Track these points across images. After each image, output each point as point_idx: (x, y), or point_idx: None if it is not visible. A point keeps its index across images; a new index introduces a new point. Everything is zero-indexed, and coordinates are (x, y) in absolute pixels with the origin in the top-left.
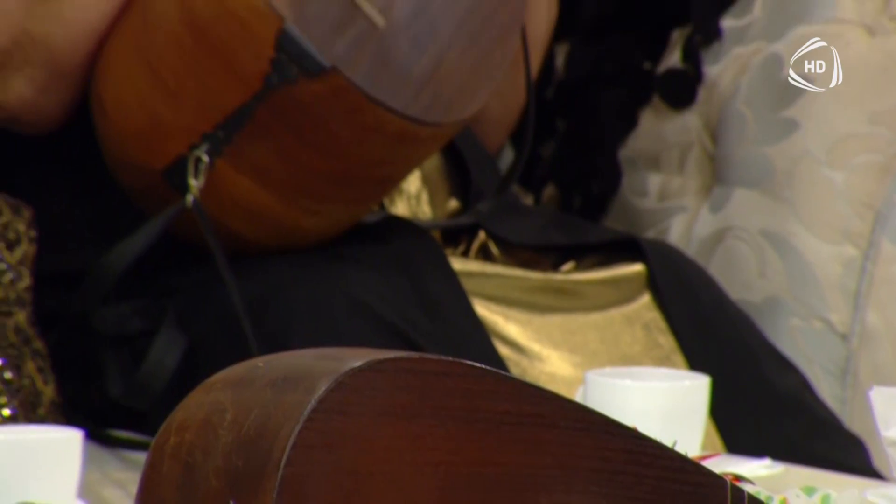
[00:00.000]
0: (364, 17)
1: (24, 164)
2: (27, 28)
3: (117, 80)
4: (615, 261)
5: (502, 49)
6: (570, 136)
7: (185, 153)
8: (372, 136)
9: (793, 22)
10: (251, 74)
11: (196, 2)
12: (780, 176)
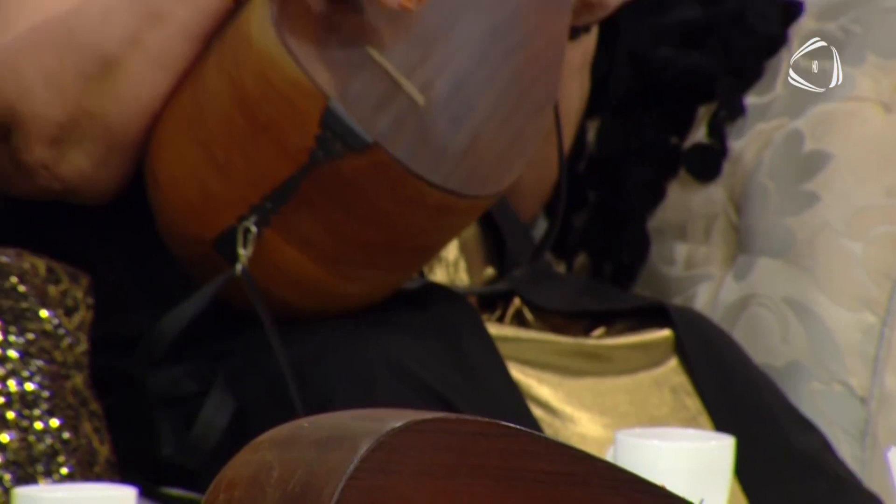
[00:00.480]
0: (405, 96)
1: (81, 233)
2: (84, 105)
3: (171, 155)
4: (644, 326)
5: (536, 125)
6: (600, 208)
7: (234, 224)
8: (413, 207)
9: (813, 99)
10: (298, 150)
11: (246, 81)
12: (801, 246)
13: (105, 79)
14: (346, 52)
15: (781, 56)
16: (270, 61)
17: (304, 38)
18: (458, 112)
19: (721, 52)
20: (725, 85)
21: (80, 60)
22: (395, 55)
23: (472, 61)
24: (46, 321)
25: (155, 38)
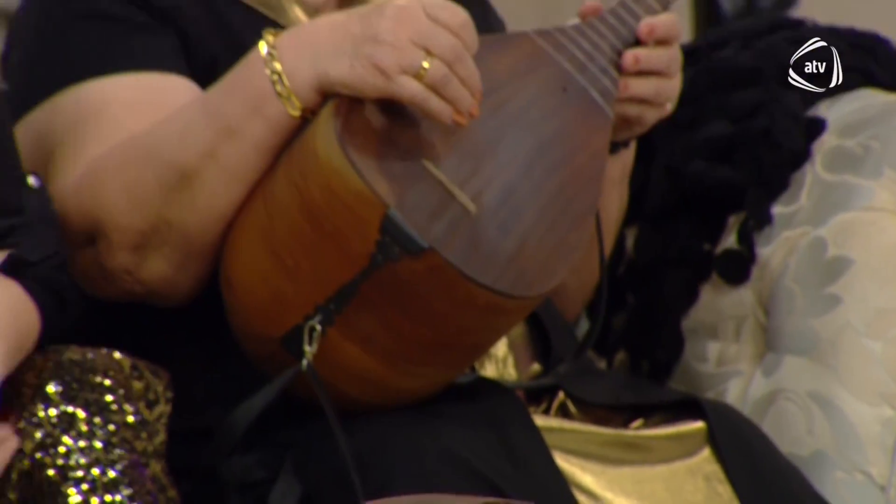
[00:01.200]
0: (458, 204)
1: (161, 332)
2: (164, 214)
3: (243, 259)
4: (679, 419)
5: (579, 233)
6: (638, 309)
7: (301, 323)
8: (465, 308)
9: (834, 209)
10: (359, 254)
11: (312, 192)
12: (824, 345)
13: (184, 189)
14: (404, 165)
15: (805, 169)
16: (335, 173)
17: (366, 151)
18: (507, 220)
19: (749, 166)
20: (754, 196)
21: (161, 173)
22: (448, 167)
23: (520, 174)
24: (129, 414)
25: (230, 151)
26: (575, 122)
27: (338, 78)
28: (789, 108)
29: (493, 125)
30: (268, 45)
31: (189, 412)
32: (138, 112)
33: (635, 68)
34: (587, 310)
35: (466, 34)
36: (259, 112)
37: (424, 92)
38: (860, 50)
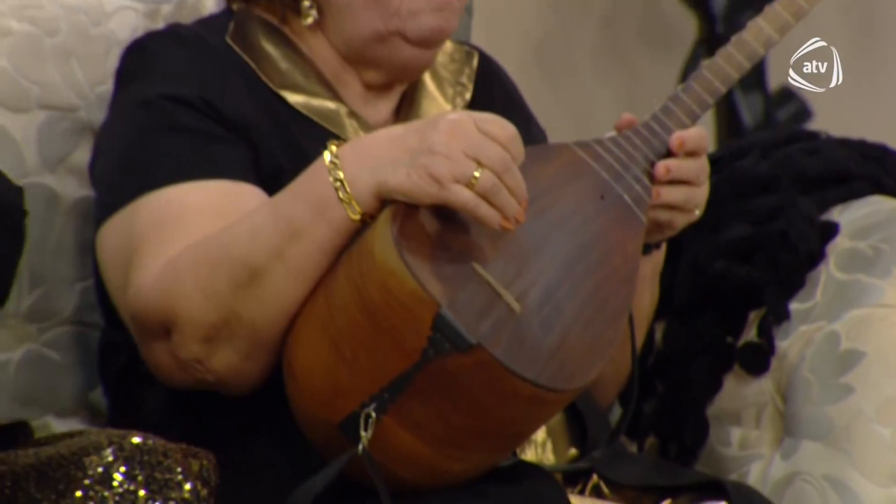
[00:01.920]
0: (504, 304)
1: (228, 418)
2: (234, 308)
3: (305, 351)
4: (704, 499)
5: (614, 328)
6: (667, 397)
7: (357, 410)
8: (509, 400)
9: (848, 306)
10: (412, 348)
11: (370, 291)
12: (839, 431)
13: (252, 286)
14: (455, 267)
15: (820, 269)
16: (391, 274)
17: (420, 254)
18: (549, 318)
19: (768, 266)
20: (772, 293)
21: (232, 271)
22: (495, 269)
23: (561, 275)
24: (187, 491)
25: (295, 252)
26: (611, 228)
27: (395, 186)
28: (805, 213)
29: (536, 230)
30: (331, 154)
31: (252, 492)
32: (212, 215)
33: (667, 178)
34: (620, 397)
35: (514, 146)
36: (323, 216)
37: (475, 199)
38: (870, 160)
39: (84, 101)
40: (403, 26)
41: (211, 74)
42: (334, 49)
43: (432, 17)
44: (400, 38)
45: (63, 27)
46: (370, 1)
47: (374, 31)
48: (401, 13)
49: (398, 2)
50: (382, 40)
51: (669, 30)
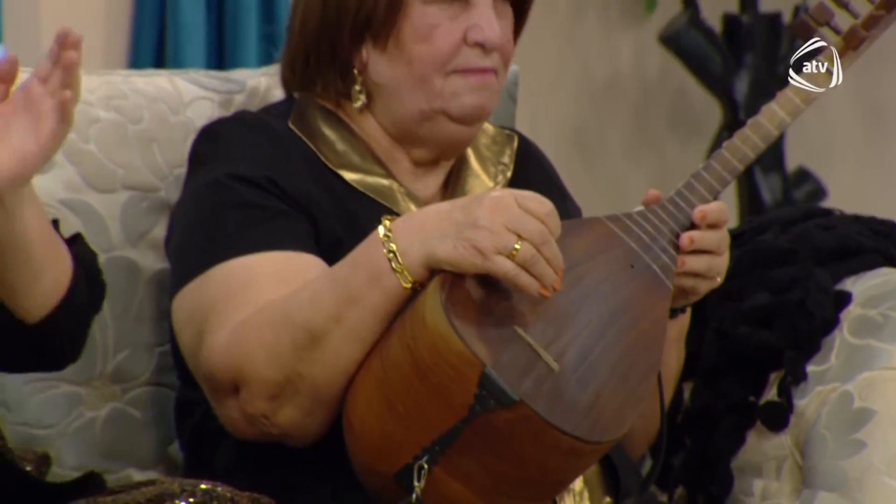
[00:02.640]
0: (543, 363)
1: (292, 468)
2: (296, 369)
3: (362, 407)
4: None
5: (645, 385)
6: (694, 451)
7: (410, 462)
8: (550, 451)
9: (859, 368)
10: (460, 405)
11: (421, 352)
12: (852, 483)
13: (313, 348)
14: (498, 330)
15: (834, 335)
16: (441, 337)
17: (466, 318)
18: (584, 376)
19: (787, 332)
20: (791, 357)
21: (295, 334)
22: (535, 331)
23: (595, 337)
24: None
25: (352, 317)
26: (640, 294)
27: (443, 257)
28: (820, 284)
29: (572, 296)
30: (385, 228)
31: None
32: (276, 283)
33: (691, 248)
34: (650, 450)
35: (551, 221)
36: (377, 284)
37: (516, 269)
38: (880, 235)
39: (163, 183)
40: (446, 105)
41: (275, 156)
42: (384, 129)
43: (472, 97)
44: (444, 117)
45: (146, 115)
46: (415, 83)
47: (420, 111)
48: (443, 94)
49: (440, 83)
50: (428, 119)
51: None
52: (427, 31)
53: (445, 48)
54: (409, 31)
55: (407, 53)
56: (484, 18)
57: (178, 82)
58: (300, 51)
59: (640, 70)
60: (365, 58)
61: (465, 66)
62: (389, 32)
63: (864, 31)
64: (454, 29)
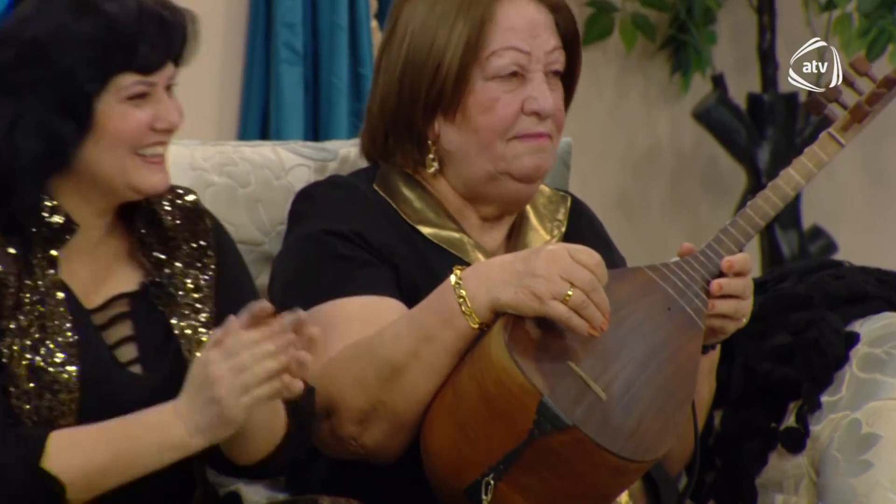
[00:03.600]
0: (593, 393)
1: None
2: (380, 397)
3: (437, 432)
4: None
5: (681, 413)
6: (724, 469)
7: (479, 479)
8: (599, 469)
9: (866, 399)
10: (521, 429)
11: (487, 384)
12: (860, 498)
13: (394, 380)
14: (554, 364)
15: (845, 370)
16: (504, 371)
17: (526, 355)
18: (629, 404)
19: (804, 367)
20: (807, 389)
21: (378, 368)
22: (585, 366)
23: (637, 370)
24: None
25: (428, 353)
26: (676, 333)
27: (506, 301)
28: (833, 325)
29: (617, 335)
30: (456, 276)
31: None
32: (362, 323)
33: (720, 293)
34: (686, 469)
35: (599, 271)
36: (449, 325)
37: (568, 313)
38: (884, 284)
39: (267, 238)
40: (509, 167)
41: (362, 214)
42: (455, 190)
43: (531, 158)
44: (507, 177)
45: (252, 180)
46: (481, 149)
47: (486, 173)
48: (506, 157)
49: (503, 148)
50: (493, 179)
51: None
52: (489, 103)
53: (506, 118)
54: (473, 105)
55: (473, 124)
56: (538, 90)
57: (280, 151)
58: (380, 127)
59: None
60: (437, 130)
61: (523, 132)
62: (457, 107)
63: (867, 107)
64: (513, 101)
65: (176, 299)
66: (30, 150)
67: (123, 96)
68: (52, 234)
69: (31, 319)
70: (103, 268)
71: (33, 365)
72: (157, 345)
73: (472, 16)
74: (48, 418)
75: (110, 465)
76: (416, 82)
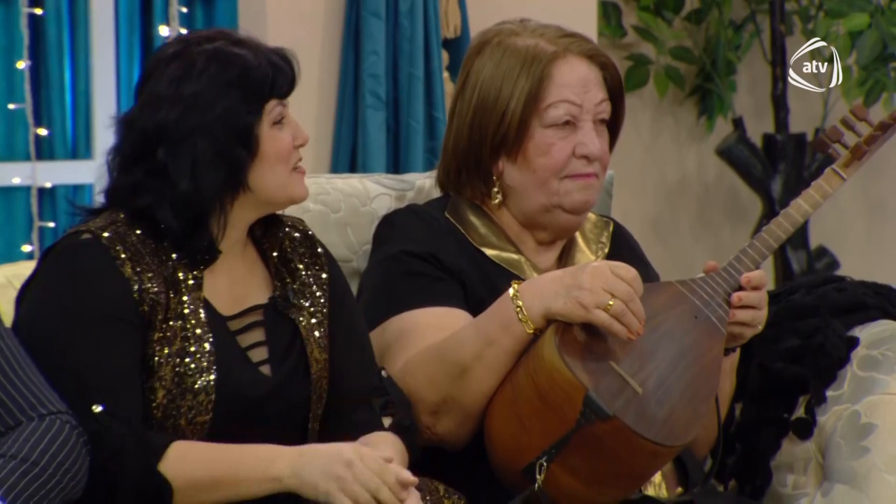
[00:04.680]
0: (631, 388)
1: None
2: (450, 393)
3: (498, 422)
4: None
5: (706, 405)
6: (743, 454)
7: (533, 461)
8: (636, 453)
9: (865, 394)
10: (570, 419)
11: (541, 380)
12: (860, 478)
13: (461, 378)
14: (597, 364)
15: (846, 369)
16: (555, 369)
17: (574, 355)
18: (661, 398)
19: (812, 367)
20: (815, 385)
21: (448, 368)
22: (624, 365)
23: (669, 369)
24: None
25: (490, 354)
26: (702, 337)
27: (556, 310)
28: (837, 331)
29: (651, 339)
30: (514, 290)
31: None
32: (435, 330)
33: (739, 304)
34: (710, 453)
35: (636, 284)
36: (508, 330)
37: (610, 319)
38: (880, 296)
39: (355, 256)
40: (561, 202)
41: (434, 237)
42: (515, 218)
43: (580, 194)
44: (559, 209)
45: (342, 207)
46: (538, 186)
47: (542, 206)
48: (559, 193)
49: (556, 185)
50: (548, 211)
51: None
52: (546, 147)
53: (560, 160)
54: (532, 149)
55: (532, 164)
56: (587, 137)
57: (366, 183)
58: (453, 163)
59: (701, 175)
60: (501, 168)
61: (574, 172)
62: (518, 149)
63: (865, 146)
64: (566, 146)
65: (299, 308)
66: (213, 181)
67: (271, 120)
68: (199, 257)
69: (176, 331)
70: (238, 282)
71: (177, 371)
72: (283, 347)
73: (533, 73)
74: (188, 416)
75: (216, 483)
76: (484, 127)
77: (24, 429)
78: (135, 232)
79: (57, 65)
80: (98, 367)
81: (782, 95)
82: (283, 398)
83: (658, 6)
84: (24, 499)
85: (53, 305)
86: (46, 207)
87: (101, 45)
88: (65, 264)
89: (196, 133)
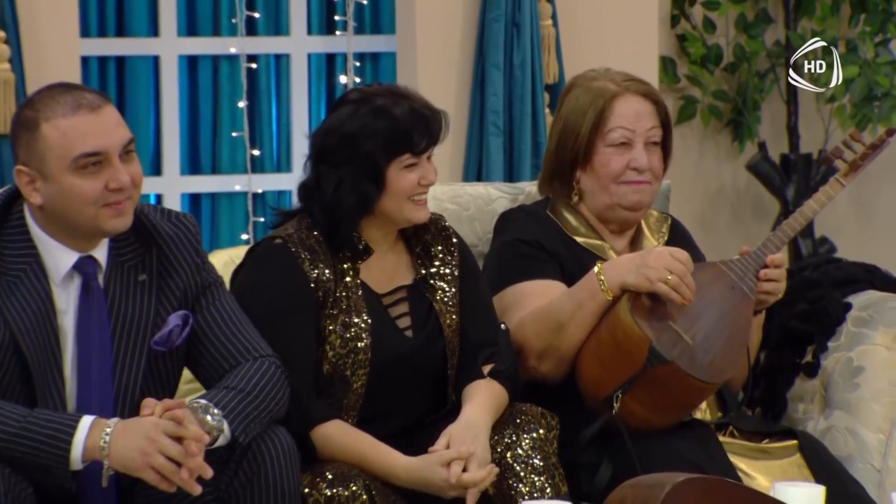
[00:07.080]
0: (684, 341)
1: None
2: (551, 342)
3: (586, 364)
4: (785, 439)
5: (740, 352)
6: (766, 389)
7: (611, 393)
8: (688, 388)
9: (857, 345)
10: (638, 363)
11: (617, 335)
12: (853, 406)
13: (559, 332)
14: (659, 323)
15: (843, 326)
16: (628, 326)
17: (642, 316)
18: (707, 347)
19: (817, 325)
20: (819, 339)
21: (550, 324)
22: (679, 323)
23: (712, 326)
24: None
25: (580, 314)
26: (737, 303)
27: (629, 283)
28: (836, 299)
29: (699, 305)
30: (598, 268)
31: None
32: (540, 297)
33: (765, 278)
34: (742, 388)
35: (689, 264)
36: (594, 298)
37: (668, 290)
38: (868, 272)
39: (480, 242)
40: (620, 202)
41: (539, 229)
42: (592, 213)
43: (634, 196)
44: (619, 207)
45: (472, 206)
46: (602, 190)
47: (605, 204)
48: (618, 194)
49: (615, 189)
50: (611, 209)
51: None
52: (607, 161)
53: (617, 171)
54: (598, 163)
55: (598, 174)
56: (638, 154)
57: (489, 188)
58: (547, 175)
59: (735, 184)
60: (578, 176)
61: (628, 180)
62: (588, 163)
63: (860, 162)
64: (622, 161)
65: (435, 287)
66: (349, 203)
67: (402, 166)
68: (358, 253)
69: (341, 308)
70: (389, 269)
71: (343, 337)
72: (423, 316)
73: (598, 107)
74: (352, 369)
75: (353, 463)
76: (565, 148)
77: (242, 367)
78: (313, 234)
79: (266, 104)
80: (276, 345)
81: (794, 126)
82: (423, 354)
83: (703, 60)
84: (241, 419)
85: (252, 292)
86: (258, 207)
87: (298, 90)
88: (263, 262)
89: (344, 163)
